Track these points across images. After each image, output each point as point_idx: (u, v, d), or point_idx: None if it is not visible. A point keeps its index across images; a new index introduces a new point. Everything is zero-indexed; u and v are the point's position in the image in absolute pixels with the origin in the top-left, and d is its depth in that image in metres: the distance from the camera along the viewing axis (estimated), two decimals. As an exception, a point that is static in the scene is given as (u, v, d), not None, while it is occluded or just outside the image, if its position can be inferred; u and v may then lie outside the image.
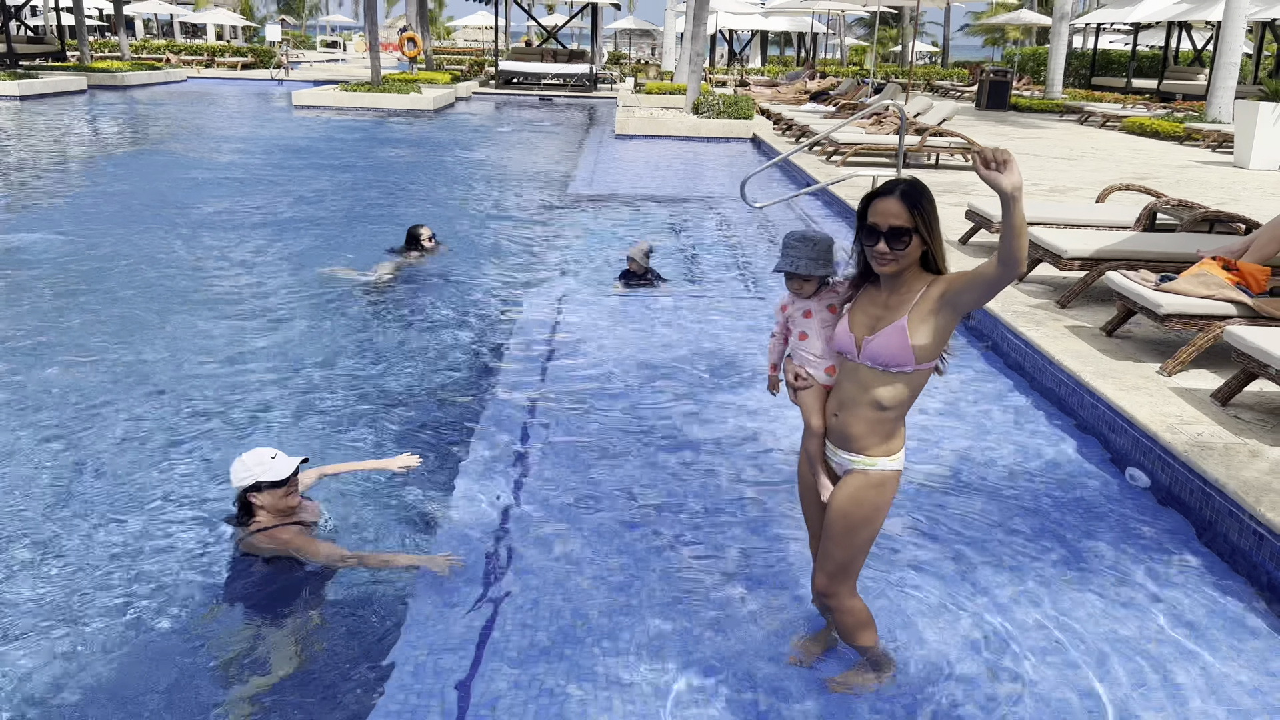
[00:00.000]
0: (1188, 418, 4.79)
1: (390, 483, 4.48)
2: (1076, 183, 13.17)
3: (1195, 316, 5.45)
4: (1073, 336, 6.05)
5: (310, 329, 6.87)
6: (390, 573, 3.73)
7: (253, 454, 3.68)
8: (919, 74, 41.31)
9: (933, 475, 4.67)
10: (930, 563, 3.90)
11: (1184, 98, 28.15)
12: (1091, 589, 3.75)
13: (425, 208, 11.75)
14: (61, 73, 29.22)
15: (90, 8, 48.34)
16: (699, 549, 3.96)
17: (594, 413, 5.35)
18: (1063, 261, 6.75)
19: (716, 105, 20.83)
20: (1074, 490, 4.59)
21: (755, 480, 4.59)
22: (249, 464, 3.64)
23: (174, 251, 9.02)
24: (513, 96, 31.95)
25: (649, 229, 10.70)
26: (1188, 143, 19.21)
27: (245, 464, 3.65)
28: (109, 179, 13.54)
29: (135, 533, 4.02)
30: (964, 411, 5.47)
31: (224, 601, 3.62)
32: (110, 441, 4.91)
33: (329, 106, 24.85)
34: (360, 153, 17.13)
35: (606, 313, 7.27)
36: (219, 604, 3.62)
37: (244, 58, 40.51)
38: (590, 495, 4.39)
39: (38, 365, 5.95)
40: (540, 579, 3.71)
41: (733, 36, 49.14)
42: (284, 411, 5.35)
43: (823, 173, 13.20)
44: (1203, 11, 27.04)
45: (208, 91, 31.17)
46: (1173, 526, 4.26)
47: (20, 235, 9.53)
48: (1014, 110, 26.95)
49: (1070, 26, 29.24)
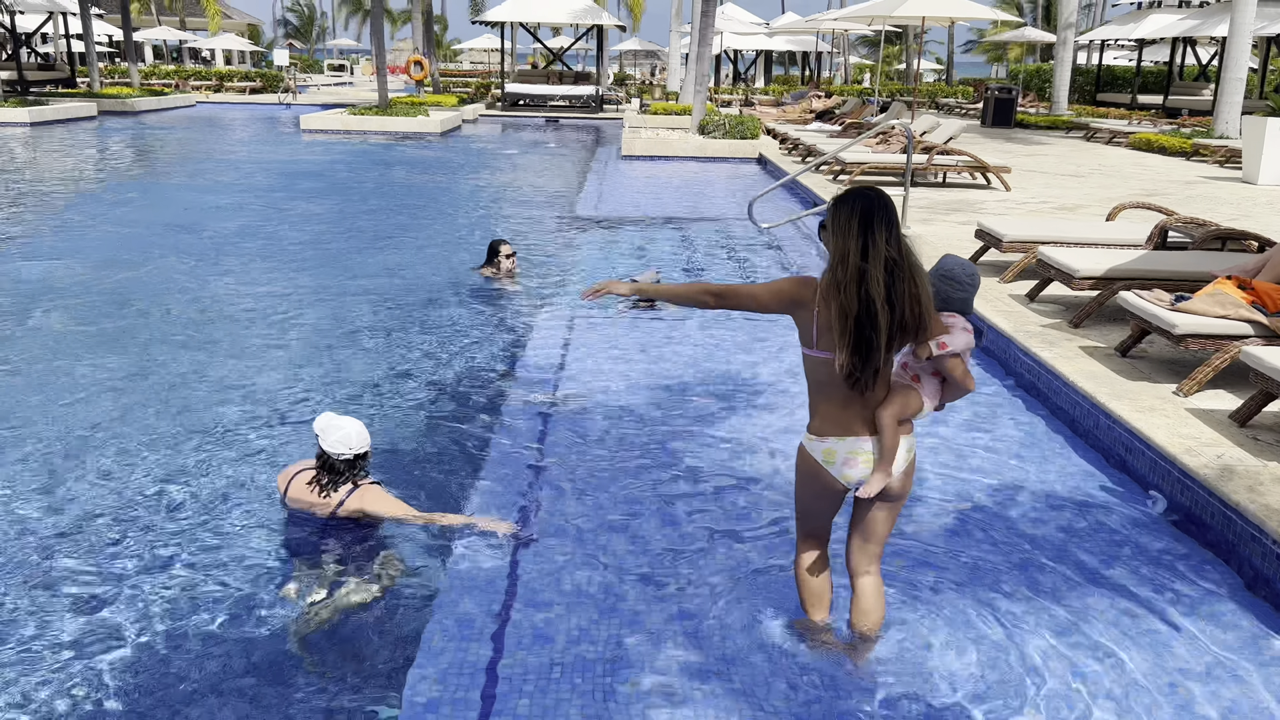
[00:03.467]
0: (1206, 439, 4.73)
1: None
2: (1085, 200, 13.14)
3: (1211, 336, 5.39)
4: (1086, 357, 6.00)
5: (313, 352, 6.85)
6: (405, 594, 3.76)
7: (349, 422, 4.04)
8: (924, 91, 41.41)
9: (945, 499, 4.62)
10: (942, 587, 3.84)
11: (1190, 113, 28.13)
12: (1109, 614, 3.69)
13: (431, 230, 11.76)
14: (72, 99, 29.44)
15: (100, 34, 48.73)
16: (716, 578, 3.91)
17: (602, 434, 5.30)
18: (1075, 281, 6.71)
19: (722, 125, 20.88)
20: (1090, 514, 4.52)
21: (769, 501, 4.54)
22: (352, 432, 4.01)
23: (181, 277, 9.03)
24: (519, 118, 32.09)
25: (655, 250, 10.69)
26: (1195, 158, 19.17)
27: (348, 432, 4.01)
28: (117, 204, 13.59)
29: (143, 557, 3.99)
30: (977, 434, 5.42)
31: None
32: (123, 470, 4.88)
33: (337, 130, 24.99)
34: (367, 176, 17.18)
35: (613, 335, 7.24)
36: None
37: (252, 82, 40.80)
38: (598, 519, 4.35)
39: (47, 388, 5.94)
40: (551, 607, 3.66)
41: (737, 56, 49.35)
42: (286, 428, 5.32)
43: (830, 192, 13.19)
44: (1208, 27, 27.06)
45: (217, 116, 31.38)
46: (1192, 551, 4.19)
47: (27, 262, 9.55)
48: (1019, 127, 26.97)
49: (1075, 43, 29.28)
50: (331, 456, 4.07)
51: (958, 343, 2.96)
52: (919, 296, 2.86)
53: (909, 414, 3.05)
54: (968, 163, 14.22)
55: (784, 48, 46.85)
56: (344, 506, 4.07)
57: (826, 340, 2.88)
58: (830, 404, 3.00)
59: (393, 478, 4.67)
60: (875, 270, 2.79)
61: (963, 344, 2.97)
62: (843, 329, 2.81)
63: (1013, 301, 7.35)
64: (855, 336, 2.81)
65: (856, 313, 2.79)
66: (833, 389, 2.96)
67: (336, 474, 4.08)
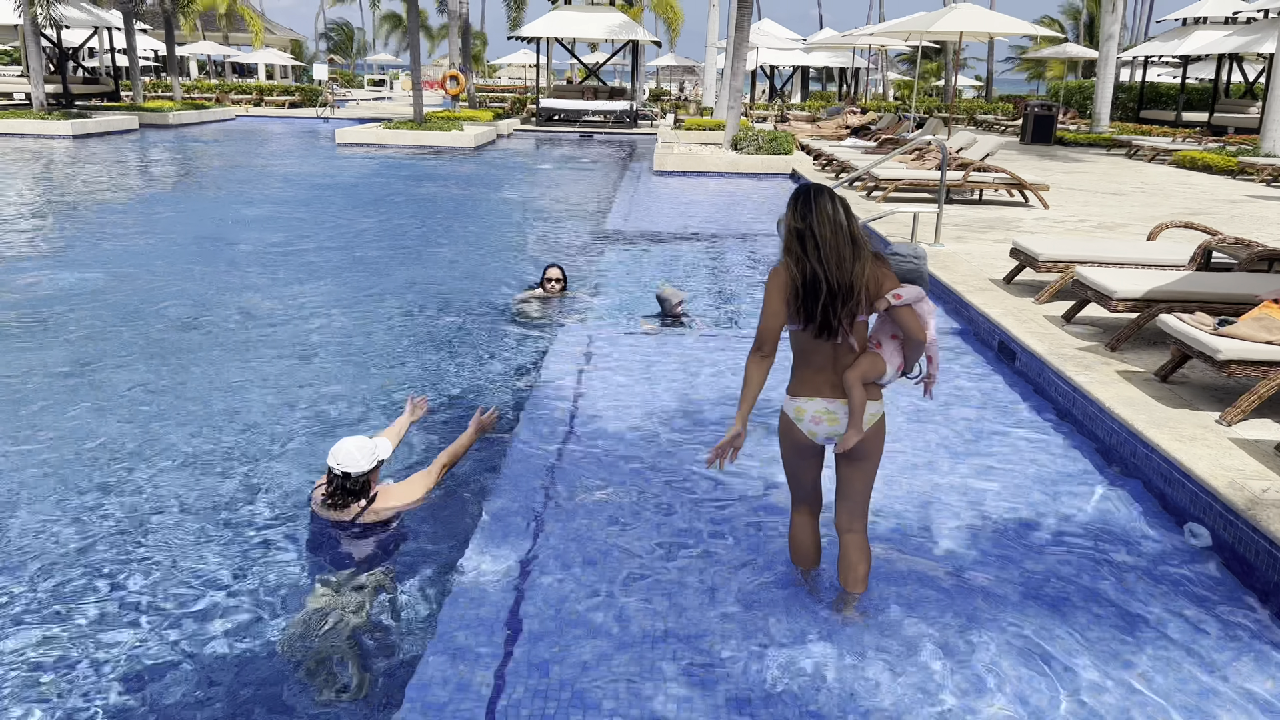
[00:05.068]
0: (1251, 472, 4.48)
1: (412, 516, 4.34)
2: (1126, 219, 12.81)
3: (1257, 363, 5.14)
4: (1124, 382, 5.75)
5: (339, 365, 6.76)
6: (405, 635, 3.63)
7: (359, 440, 4.28)
8: (963, 108, 40.99)
9: (975, 529, 4.40)
10: (974, 622, 3.63)
11: (1236, 131, 27.53)
12: (1148, 654, 3.47)
13: (460, 244, 11.70)
14: (114, 112, 29.91)
15: (146, 49, 49.64)
16: (733, 610, 3.72)
17: (623, 452, 5.14)
18: (1113, 303, 6.46)
19: (756, 141, 20.72)
20: (1128, 547, 4.29)
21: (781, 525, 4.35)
22: (368, 449, 4.26)
23: (215, 287, 9.02)
24: (554, 133, 32.14)
25: (684, 266, 10.54)
26: (1241, 177, 18.71)
27: (365, 449, 4.25)
28: (149, 215, 13.69)
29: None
30: (1009, 461, 5.19)
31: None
32: (161, 482, 4.81)
33: (371, 144, 25.13)
34: (399, 189, 17.21)
35: (639, 351, 7.08)
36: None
37: (291, 96, 41.25)
38: (614, 537, 4.18)
39: (90, 399, 5.92)
40: (560, 635, 3.50)
41: (773, 72, 49.17)
42: (308, 438, 5.23)
43: (863, 208, 12.98)
44: (1255, 44, 26.51)
45: (255, 129, 31.73)
46: (1237, 590, 3.95)
47: (61, 271, 9.59)
48: (1059, 144, 26.54)
49: (1117, 59, 28.82)
50: (332, 471, 4.26)
51: (909, 294, 3.38)
52: (844, 255, 3.29)
53: (873, 376, 3.43)
54: (1005, 180, 13.93)
55: (821, 64, 46.61)
56: (365, 514, 4.31)
57: (794, 311, 3.35)
58: (804, 369, 3.47)
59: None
60: (812, 243, 3.28)
61: (913, 296, 3.39)
62: (796, 295, 3.32)
63: (1048, 323, 7.11)
64: (807, 299, 3.30)
65: (804, 280, 3.29)
66: (807, 356, 3.45)
67: (338, 489, 4.26)
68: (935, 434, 5.55)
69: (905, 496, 4.73)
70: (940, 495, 4.76)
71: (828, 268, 3.27)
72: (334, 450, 4.25)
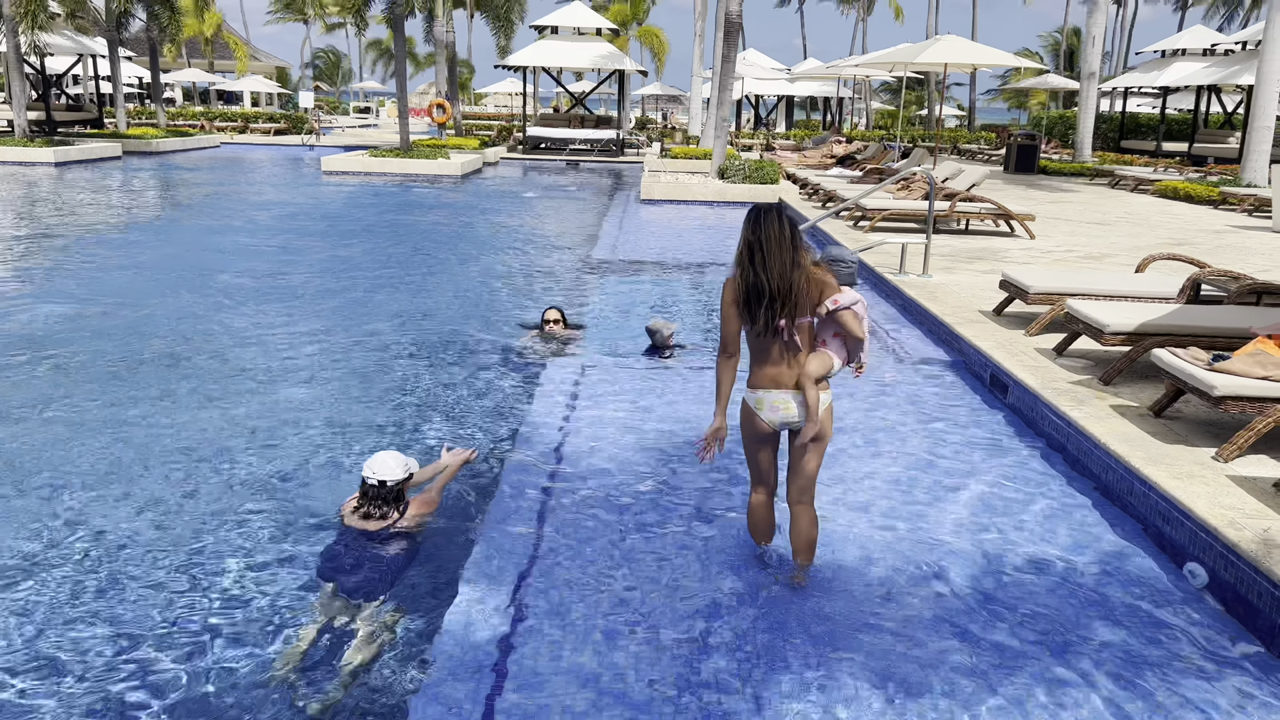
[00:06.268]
0: (1250, 510, 4.42)
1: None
2: (1111, 249, 12.85)
3: (1253, 399, 5.09)
4: (1118, 417, 5.70)
5: (322, 393, 6.65)
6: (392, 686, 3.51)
7: (392, 453, 4.56)
8: (946, 137, 41.31)
9: (967, 571, 4.32)
10: (967, 668, 3.53)
11: (1216, 161, 27.82)
12: (1143, 701, 3.37)
13: (442, 275, 11.62)
14: (97, 139, 29.77)
15: (131, 76, 49.60)
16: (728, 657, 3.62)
17: (612, 486, 5.04)
18: (1105, 336, 6.42)
19: (742, 170, 20.77)
20: (1125, 588, 4.21)
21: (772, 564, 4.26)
22: (401, 460, 4.54)
23: (192, 317, 8.89)
24: (540, 161, 32.19)
25: (670, 296, 10.48)
26: (1223, 207, 18.86)
27: (398, 460, 4.53)
28: (129, 244, 13.55)
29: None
30: (1001, 499, 5.11)
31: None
32: (139, 518, 4.67)
33: (357, 172, 25.07)
34: (385, 218, 17.13)
35: (628, 382, 6.99)
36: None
37: (277, 123, 41.21)
38: (604, 574, 4.07)
39: (64, 431, 5.77)
40: (554, 680, 3.39)
41: (759, 101, 49.51)
42: (288, 471, 5.10)
43: (850, 239, 12.97)
44: (1233, 76, 26.84)
45: (240, 157, 31.64)
46: (1237, 633, 3.88)
47: (41, 302, 9.44)
48: (1043, 174, 26.74)
49: (1098, 90, 29.11)
50: (367, 482, 4.49)
51: (845, 299, 3.89)
52: (785, 264, 3.77)
53: (824, 372, 3.94)
54: (991, 210, 13.97)
55: (806, 93, 46.97)
56: (400, 521, 4.52)
57: (744, 315, 3.85)
58: (760, 365, 3.95)
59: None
60: (759, 254, 3.78)
61: (849, 300, 3.89)
62: (746, 299, 3.82)
63: (1039, 356, 7.07)
64: (752, 302, 3.81)
65: (751, 285, 3.79)
66: (762, 354, 3.93)
67: (374, 498, 4.49)
68: (928, 468, 5.47)
69: (894, 529, 4.64)
70: (931, 530, 4.68)
71: (770, 275, 3.77)
72: (369, 462, 4.54)
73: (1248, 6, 49.87)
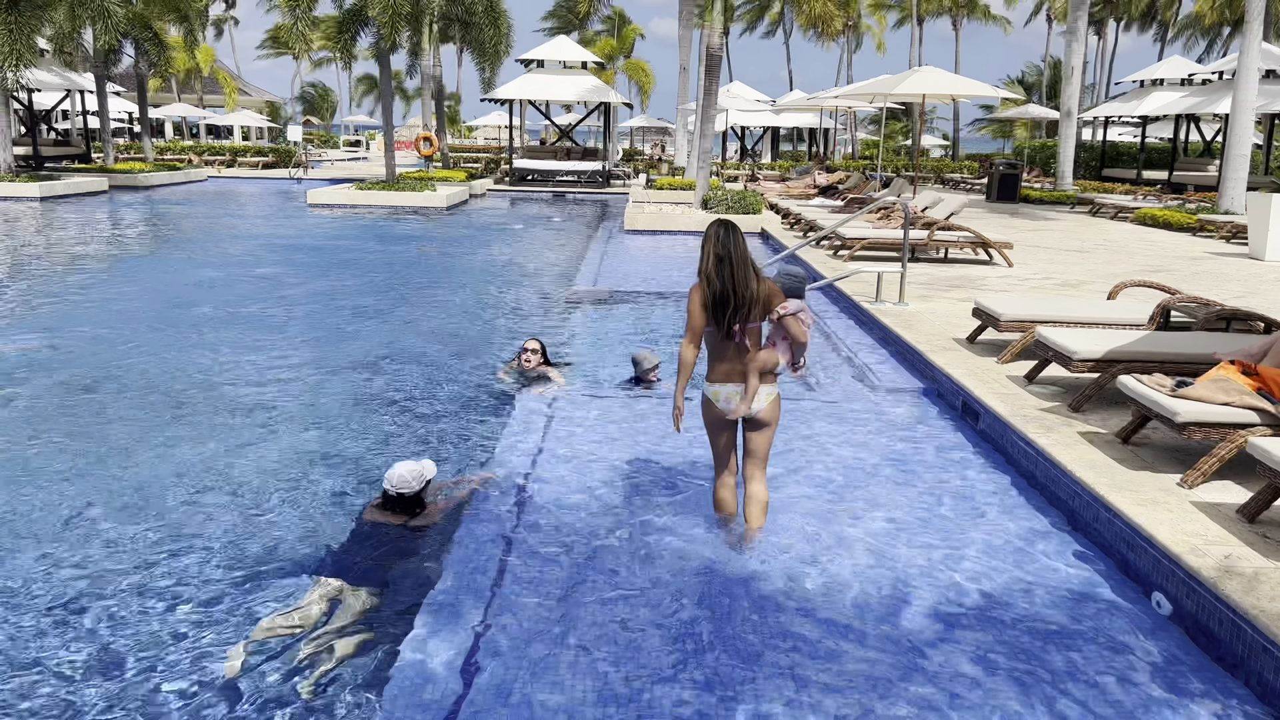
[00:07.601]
0: (1213, 537, 4.43)
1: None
2: (1089, 276, 12.94)
3: (1216, 425, 5.12)
4: (1086, 444, 5.72)
5: (306, 425, 6.63)
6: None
7: (410, 464, 5.00)
8: (930, 167, 41.66)
9: (931, 598, 4.31)
10: (927, 698, 3.52)
11: (1195, 189, 28.10)
12: (1113, 739, 3.37)
13: (425, 306, 11.63)
14: (83, 174, 29.81)
15: (120, 111, 49.73)
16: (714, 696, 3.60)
17: (586, 516, 5.03)
18: (1073, 363, 6.46)
19: (725, 200, 20.89)
20: (1091, 617, 4.21)
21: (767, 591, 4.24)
22: (416, 471, 4.96)
23: (176, 351, 8.87)
24: (527, 193, 32.33)
25: (651, 326, 10.51)
26: (1201, 234, 19.03)
27: (420, 470, 4.98)
28: (112, 278, 13.54)
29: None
30: (969, 526, 5.12)
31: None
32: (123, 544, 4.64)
33: (343, 205, 25.14)
34: (370, 250, 17.16)
35: (604, 414, 6.99)
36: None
37: (265, 157, 41.33)
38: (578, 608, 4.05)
39: (47, 464, 5.73)
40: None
41: (744, 133, 49.90)
42: (276, 504, 5.08)
43: (829, 268, 13.04)
44: (1210, 105, 27.19)
45: (227, 190, 31.70)
46: (1200, 662, 3.87)
47: (19, 336, 9.42)
48: (1025, 202, 26.97)
49: (1079, 120, 29.45)
50: (388, 494, 4.93)
51: (792, 306, 4.57)
52: (748, 277, 4.44)
53: (768, 367, 4.62)
54: (969, 238, 14.07)
55: (791, 124, 47.35)
56: (419, 517, 4.97)
57: (709, 318, 4.48)
58: (718, 362, 4.63)
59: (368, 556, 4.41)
60: (721, 266, 4.42)
61: (795, 307, 4.57)
62: (708, 305, 4.46)
63: (1010, 383, 7.10)
64: (716, 308, 4.45)
65: (714, 293, 4.43)
66: (720, 352, 4.61)
67: (394, 507, 4.93)
68: (898, 494, 5.48)
69: (861, 556, 4.64)
70: (898, 557, 4.68)
71: (737, 285, 4.41)
72: (389, 475, 4.96)
73: (1226, 36, 50.61)
